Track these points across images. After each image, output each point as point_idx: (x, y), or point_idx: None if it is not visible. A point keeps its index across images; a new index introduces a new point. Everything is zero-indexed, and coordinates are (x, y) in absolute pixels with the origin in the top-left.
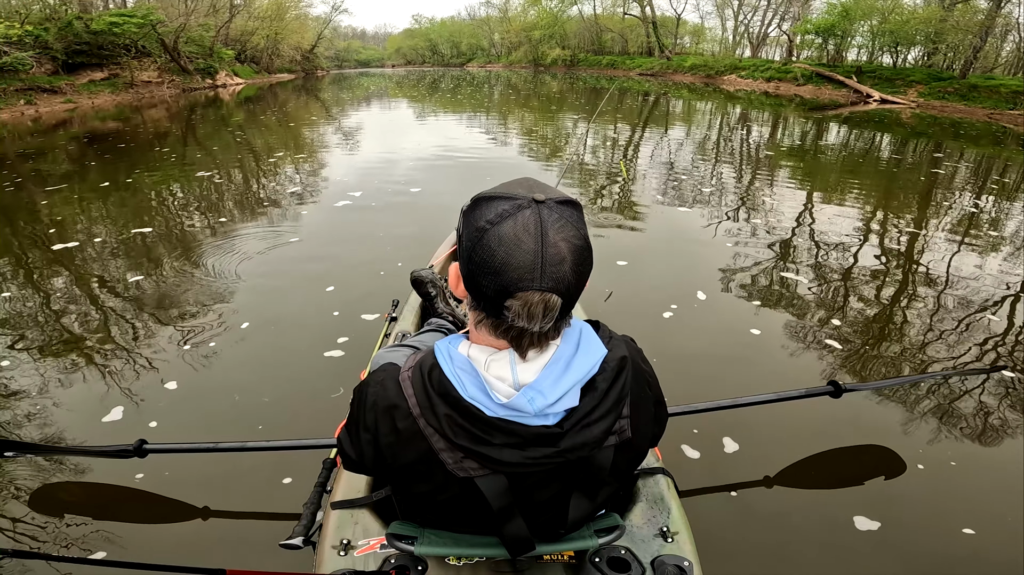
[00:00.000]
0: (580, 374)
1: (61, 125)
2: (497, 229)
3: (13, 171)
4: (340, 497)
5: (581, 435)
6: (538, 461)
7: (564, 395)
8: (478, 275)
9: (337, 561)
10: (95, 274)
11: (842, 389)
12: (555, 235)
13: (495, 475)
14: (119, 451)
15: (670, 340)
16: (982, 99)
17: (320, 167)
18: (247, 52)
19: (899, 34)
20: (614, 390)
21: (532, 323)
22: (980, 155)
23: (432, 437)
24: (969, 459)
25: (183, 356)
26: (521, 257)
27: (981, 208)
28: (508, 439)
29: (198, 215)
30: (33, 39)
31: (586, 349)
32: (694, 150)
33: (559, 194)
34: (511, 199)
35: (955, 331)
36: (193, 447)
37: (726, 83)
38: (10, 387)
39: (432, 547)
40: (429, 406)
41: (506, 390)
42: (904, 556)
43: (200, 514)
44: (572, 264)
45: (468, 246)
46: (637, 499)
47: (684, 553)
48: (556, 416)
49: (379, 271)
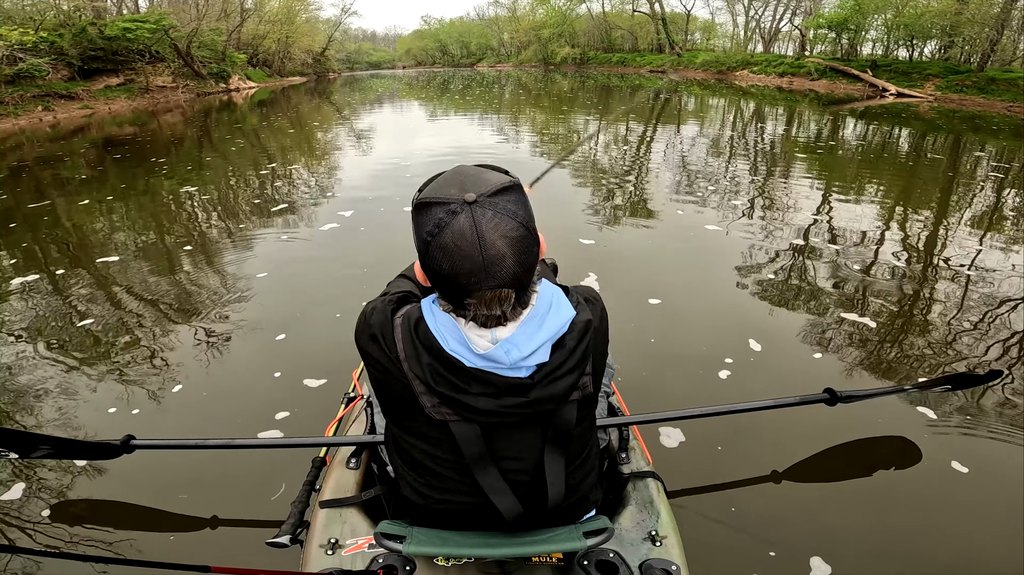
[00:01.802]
0: (551, 331)
1: (79, 131)
2: (437, 241)
3: (32, 177)
4: (329, 496)
5: (549, 388)
6: (510, 409)
7: (536, 350)
8: (433, 281)
9: (324, 560)
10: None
11: (837, 397)
12: (491, 234)
13: (468, 423)
14: (106, 446)
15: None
16: (1000, 92)
17: (316, 178)
18: (259, 56)
19: (914, 27)
20: (579, 348)
21: (492, 310)
22: (1001, 148)
23: (414, 382)
24: (972, 464)
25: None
26: (464, 264)
27: (1006, 206)
28: (484, 389)
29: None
30: (48, 45)
31: (557, 310)
32: (731, 157)
33: (493, 184)
34: (444, 204)
35: (977, 334)
36: (180, 444)
37: (738, 79)
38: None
39: (420, 546)
40: (415, 355)
41: (484, 344)
42: (901, 560)
43: (187, 511)
44: (514, 257)
45: (420, 253)
46: (627, 502)
47: (672, 557)
48: (528, 370)
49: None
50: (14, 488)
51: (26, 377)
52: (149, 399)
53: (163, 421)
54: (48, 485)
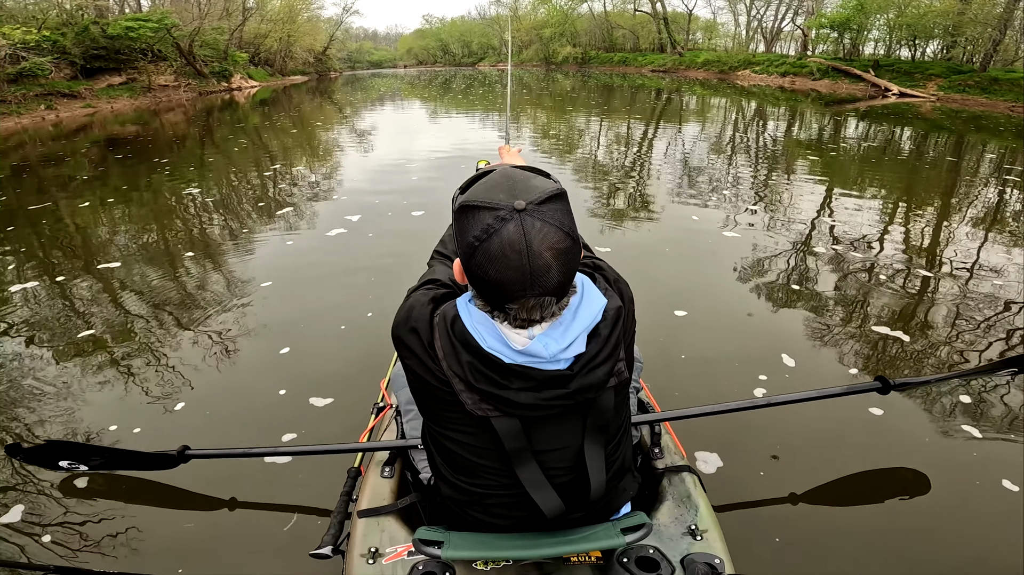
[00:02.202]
0: (585, 322)
1: (82, 130)
2: (485, 247)
3: (34, 176)
4: (366, 505)
5: (588, 377)
6: (551, 401)
7: (573, 342)
8: (476, 285)
9: (366, 569)
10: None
11: (891, 385)
12: (539, 245)
13: (509, 417)
14: (163, 457)
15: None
16: (1003, 92)
17: (321, 181)
18: (260, 55)
19: (916, 27)
20: (614, 335)
21: (533, 315)
22: (1004, 148)
23: (453, 379)
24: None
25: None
26: (510, 274)
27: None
28: (524, 383)
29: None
30: (51, 44)
31: (589, 300)
32: (744, 165)
33: (540, 192)
34: (493, 209)
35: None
36: (230, 452)
37: (740, 79)
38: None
39: (459, 551)
40: (453, 352)
41: (522, 340)
42: (948, 557)
43: (229, 524)
44: (559, 269)
45: (464, 256)
46: (664, 498)
47: (715, 550)
48: (567, 362)
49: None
50: (42, 503)
51: (4, 386)
52: (150, 417)
53: (163, 443)
54: (86, 499)
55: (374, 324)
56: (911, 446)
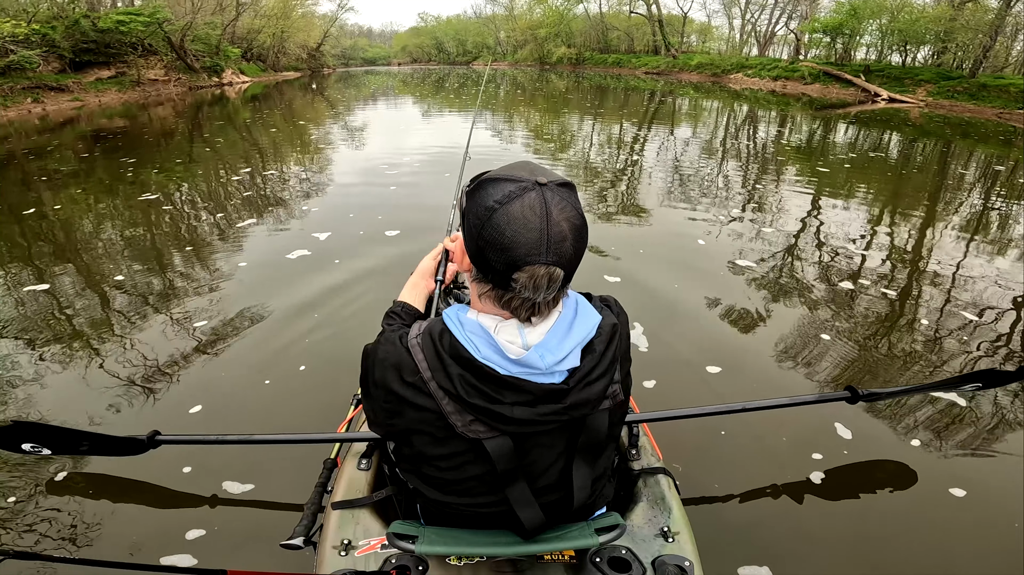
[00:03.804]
0: (580, 336)
1: (68, 123)
2: (506, 209)
3: (19, 169)
4: (341, 497)
5: (584, 392)
6: (546, 417)
7: (568, 355)
8: (487, 251)
9: (338, 561)
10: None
11: (859, 395)
12: (558, 215)
13: (502, 437)
14: (132, 442)
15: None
16: (991, 98)
17: (294, 187)
18: (253, 50)
19: (908, 33)
20: (609, 352)
21: (537, 294)
22: (990, 155)
23: (442, 400)
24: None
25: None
26: (528, 235)
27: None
28: (519, 397)
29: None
30: (40, 37)
31: (584, 315)
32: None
33: (558, 177)
34: (516, 181)
35: (987, 338)
36: (202, 439)
37: (733, 82)
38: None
39: (433, 546)
40: (441, 368)
41: (517, 350)
42: (913, 564)
43: (199, 514)
44: (573, 241)
45: (476, 224)
46: (638, 499)
47: (685, 553)
48: (561, 375)
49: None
50: (24, 489)
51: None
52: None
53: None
54: (61, 485)
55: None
56: (884, 451)
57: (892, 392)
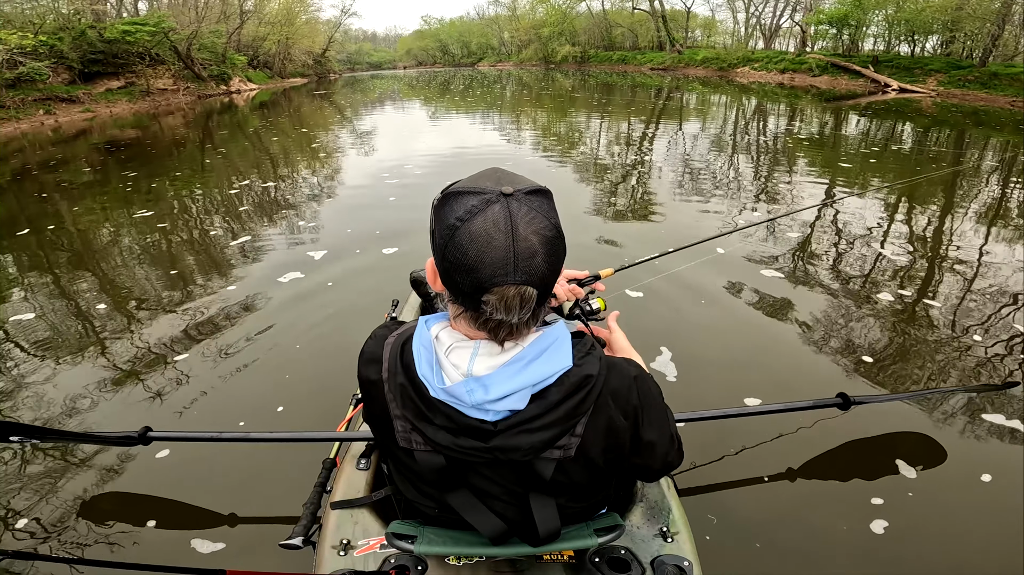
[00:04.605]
0: (533, 379)
1: (81, 134)
2: (468, 226)
3: (35, 182)
4: (340, 497)
5: (515, 439)
6: (466, 451)
7: (509, 395)
8: (453, 272)
9: (337, 561)
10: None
11: (851, 402)
12: (525, 228)
13: (434, 454)
14: (124, 438)
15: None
16: (1003, 87)
17: (293, 200)
18: (259, 57)
19: (915, 23)
20: (567, 404)
21: (510, 315)
22: (1006, 143)
23: (391, 403)
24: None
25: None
26: (493, 254)
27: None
28: (445, 422)
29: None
30: (48, 48)
31: (550, 358)
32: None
33: (528, 184)
34: (479, 193)
35: (985, 344)
36: (196, 436)
37: (739, 76)
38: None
39: (432, 546)
40: (392, 373)
41: (456, 376)
42: (910, 561)
43: (198, 514)
44: (544, 256)
45: (441, 243)
46: (637, 499)
47: (684, 553)
48: (497, 414)
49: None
50: (27, 484)
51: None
52: None
53: None
54: (62, 486)
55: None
56: (879, 455)
57: (883, 399)
